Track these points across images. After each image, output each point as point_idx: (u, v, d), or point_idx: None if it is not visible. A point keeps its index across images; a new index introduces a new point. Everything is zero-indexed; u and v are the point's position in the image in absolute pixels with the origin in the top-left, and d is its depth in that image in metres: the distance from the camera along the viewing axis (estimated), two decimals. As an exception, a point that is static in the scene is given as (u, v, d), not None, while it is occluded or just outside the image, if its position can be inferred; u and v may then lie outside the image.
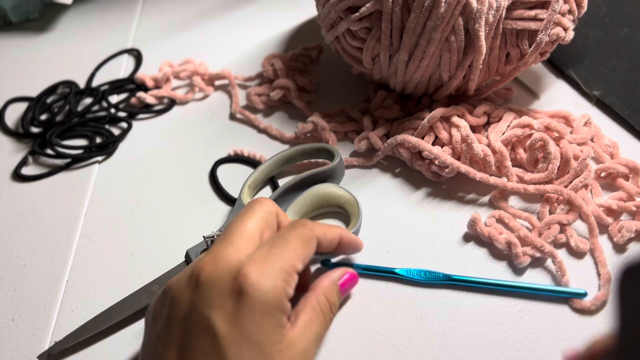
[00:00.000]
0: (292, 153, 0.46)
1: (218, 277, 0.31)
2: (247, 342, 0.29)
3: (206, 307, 0.30)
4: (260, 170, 0.45)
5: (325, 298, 0.35)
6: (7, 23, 0.65)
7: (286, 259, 0.32)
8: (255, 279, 0.30)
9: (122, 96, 0.56)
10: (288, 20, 0.63)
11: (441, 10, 0.41)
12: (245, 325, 0.29)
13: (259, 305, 0.30)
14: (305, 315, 0.33)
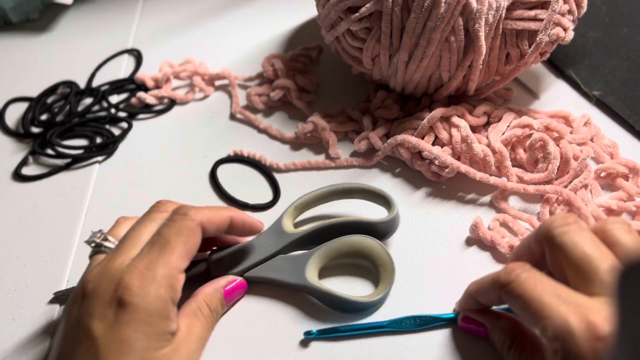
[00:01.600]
0: (350, 188, 0.43)
1: (101, 288, 0.31)
2: (129, 349, 0.30)
3: (88, 317, 0.30)
4: (311, 195, 0.43)
5: (205, 303, 0.36)
6: (7, 23, 0.65)
7: (168, 264, 0.32)
8: (137, 290, 0.30)
9: (122, 96, 0.56)
10: (288, 20, 0.63)
11: (441, 11, 0.41)
12: (127, 333, 0.30)
13: (141, 316, 0.30)
14: (185, 320, 0.34)
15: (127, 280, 0.31)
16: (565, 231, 0.31)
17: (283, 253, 0.40)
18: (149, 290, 0.31)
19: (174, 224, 0.33)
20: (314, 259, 0.39)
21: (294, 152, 0.50)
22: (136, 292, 0.30)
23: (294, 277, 0.38)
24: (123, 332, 0.30)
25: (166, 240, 0.33)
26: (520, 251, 0.34)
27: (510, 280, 0.30)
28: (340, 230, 0.40)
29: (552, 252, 0.31)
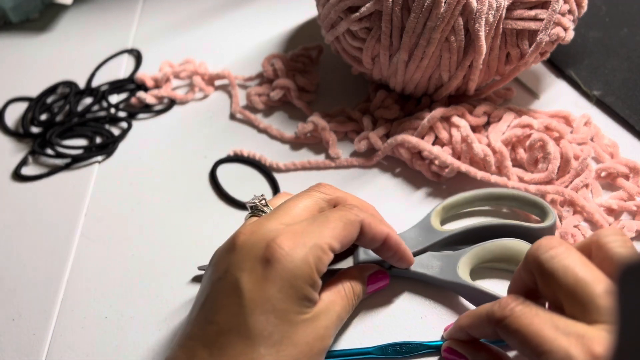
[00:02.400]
0: (503, 194, 0.42)
1: (253, 243, 0.32)
2: (271, 308, 0.30)
3: (237, 269, 0.31)
4: (461, 197, 0.42)
5: (350, 285, 0.36)
6: (7, 23, 0.65)
7: (322, 236, 0.32)
8: (287, 250, 0.31)
9: (122, 96, 0.56)
10: (288, 20, 0.63)
11: (441, 10, 0.41)
12: (272, 292, 0.30)
13: (287, 275, 0.31)
14: (329, 295, 0.34)
15: (280, 240, 0.31)
16: (552, 255, 0.29)
17: (431, 250, 0.40)
18: (298, 254, 0.31)
19: (339, 211, 0.34)
20: (466, 258, 0.38)
21: (294, 152, 0.50)
22: (286, 252, 0.31)
23: (445, 274, 0.38)
24: (269, 289, 0.30)
25: (327, 219, 0.33)
26: (514, 284, 0.33)
27: (505, 315, 0.29)
28: (493, 232, 0.39)
29: (543, 280, 0.30)
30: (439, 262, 0.39)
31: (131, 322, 0.39)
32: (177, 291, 0.41)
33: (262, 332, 0.30)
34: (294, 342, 0.31)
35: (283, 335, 0.30)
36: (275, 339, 0.30)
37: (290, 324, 0.31)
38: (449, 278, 0.37)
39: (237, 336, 0.30)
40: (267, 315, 0.30)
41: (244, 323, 0.30)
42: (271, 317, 0.30)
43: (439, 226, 0.41)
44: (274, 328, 0.30)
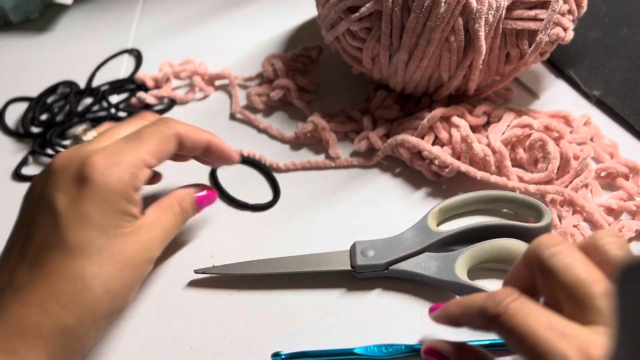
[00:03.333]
0: (499, 196, 0.42)
1: (68, 165, 0.33)
2: (88, 223, 0.31)
3: (52, 190, 0.32)
4: (458, 199, 0.42)
5: (177, 202, 0.38)
6: (7, 23, 0.65)
7: (137, 154, 0.34)
8: (100, 169, 0.32)
9: (122, 96, 0.56)
10: (288, 20, 0.63)
11: (441, 10, 0.41)
12: (87, 208, 0.32)
13: (101, 192, 0.32)
14: (155, 211, 0.36)
15: (93, 159, 0.32)
16: (554, 253, 0.29)
17: (429, 251, 0.40)
18: (112, 171, 0.32)
19: (153, 127, 0.36)
20: (463, 258, 0.38)
21: (294, 152, 0.50)
22: (100, 170, 0.32)
23: (443, 275, 0.38)
24: (84, 206, 0.31)
25: (141, 136, 0.35)
26: (510, 277, 0.32)
27: (499, 312, 0.28)
28: (490, 233, 0.39)
29: (543, 277, 0.29)
30: (437, 262, 0.39)
31: (131, 322, 0.39)
32: (176, 291, 0.41)
33: (79, 245, 0.31)
34: (114, 252, 0.32)
35: (102, 247, 0.32)
36: (93, 250, 0.31)
37: (108, 236, 0.32)
38: (446, 278, 0.38)
39: (55, 251, 0.31)
40: (84, 229, 0.31)
41: (61, 238, 0.31)
42: (88, 231, 0.31)
43: (435, 227, 0.41)
44: (91, 241, 0.31)
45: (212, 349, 0.38)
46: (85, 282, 0.31)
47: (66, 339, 0.30)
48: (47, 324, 0.30)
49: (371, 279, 0.40)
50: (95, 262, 0.31)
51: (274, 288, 0.40)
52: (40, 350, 0.30)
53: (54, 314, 0.30)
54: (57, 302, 0.30)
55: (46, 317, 0.30)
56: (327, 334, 0.38)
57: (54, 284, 0.31)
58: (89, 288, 0.31)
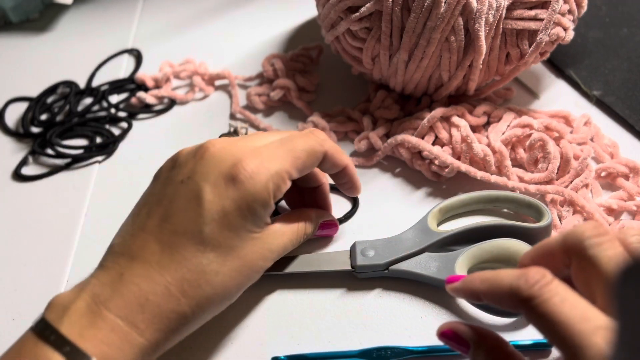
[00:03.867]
0: (499, 196, 0.42)
1: (222, 157, 0.33)
2: (227, 222, 0.32)
3: (202, 179, 0.33)
4: (457, 199, 0.42)
5: (304, 224, 0.38)
6: (7, 23, 0.65)
7: (285, 165, 0.34)
8: (250, 173, 0.33)
9: (122, 96, 0.56)
10: (288, 20, 0.63)
11: (441, 10, 0.41)
12: (230, 208, 0.32)
13: (246, 196, 0.33)
14: (282, 223, 0.37)
15: (247, 162, 0.33)
16: (597, 243, 0.28)
17: (429, 251, 0.40)
18: (260, 179, 0.33)
19: (307, 139, 0.36)
20: (463, 258, 0.38)
21: (294, 152, 0.49)
22: (250, 175, 0.33)
23: (443, 275, 0.38)
24: (228, 205, 0.32)
25: (294, 146, 0.35)
26: (539, 255, 0.31)
27: (533, 295, 0.27)
28: (490, 233, 0.39)
29: (580, 265, 0.28)
30: (437, 262, 0.39)
31: (131, 322, 0.39)
32: (177, 291, 0.41)
33: (213, 241, 0.32)
34: (239, 254, 0.33)
35: (231, 247, 0.33)
36: (224, 249, 0.32)
37: (240, 238, 0.33)
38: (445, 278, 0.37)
39: (191, 240, 0.32)
40: (222, 227, 0.32)
41: (200, 230, 0.32)
42: (225, 230, 0.32)
43: (435, 227, 0.41)
44: (224, 240, 0.32)
45: (212, 349, 0.38)
46: (208, 276, 0.32)
47: (180, 323, 0.31)
48: (167, 306, 0.31)
49: (371, 279, 0.40)
50: (222, 259, 0.32)
51: (274, 288, 0.40)
52: (156, 328, 0.31)
53: (174, 299, 0.31)
54: (180, 288, 0.31)
55: (166, 300, 0.31)
56: (327, 334, 0.38)
57: (181, 270, 0.32)
58: (210, 283, 0.32)
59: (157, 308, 0.31)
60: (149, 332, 0.30)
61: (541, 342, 0.36)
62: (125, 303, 0.30)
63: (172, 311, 0.31)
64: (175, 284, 0.31)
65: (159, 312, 0.31)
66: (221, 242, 0.32)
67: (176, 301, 0.31)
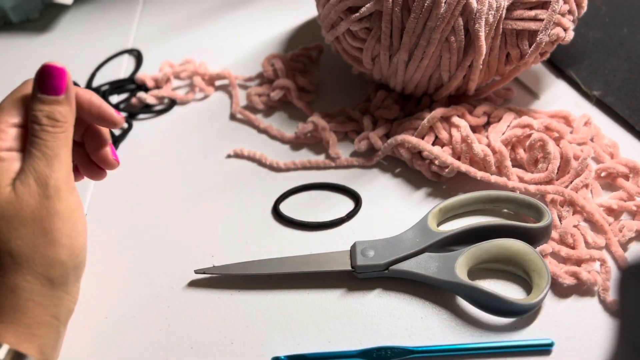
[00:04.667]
0: (499, 196, 0.42)
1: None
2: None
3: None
4: (457, 199, 0.42)
5: (33, 115, 0.33)
6: (7, 23, 0.65)
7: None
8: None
9: (122, 96, 0.56)
10: (288, 20, 0.63)
11: (441, 11, 0.41)
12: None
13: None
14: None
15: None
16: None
17: (429, 251, 0.40)
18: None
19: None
20: (463, 258, 0.38)
21: (294, 152, 0.50)
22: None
23: (443, 274, 0.38)
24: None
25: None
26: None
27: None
28: (490, 233, 0.39)
29: None
30: (437, 262, 0.39)
31: (131, 322, 0.39)
32: (176, 291, 0.41)
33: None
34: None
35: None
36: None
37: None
38: (447, 278, 0.38)
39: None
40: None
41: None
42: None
43: (435, 227, 0.41)
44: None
45: (212, 349, 0.38)
46: None
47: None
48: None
49: (371, 279, 0.40)
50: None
51: (274, 288, 0.40)
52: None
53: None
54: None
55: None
56: (326, 334, 0.38)
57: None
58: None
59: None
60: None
61: (541, 342, 0.36)
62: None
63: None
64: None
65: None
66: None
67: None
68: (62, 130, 0.34)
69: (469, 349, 0.36)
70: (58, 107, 0.34)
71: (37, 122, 0.33)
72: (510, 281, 0.39)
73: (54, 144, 0.33)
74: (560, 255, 0.40)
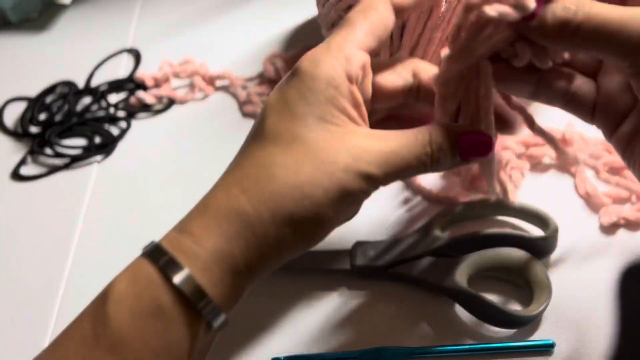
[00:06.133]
0: (505, 205, 0.41)
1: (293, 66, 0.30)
2: (288, 111, 0.28)
3: (273, 91, 0.30)
4: (463, 205, 0.42)
5: (426, 129, 0.30)
6: (6, 23, 0.65)
7: (345, 37, 0.29)
8: (308, 58, 0.29)
9: (121, 96, 0.56)
10: (288, 20, 0.62)
11: (442, 10, 0.41)
12: (290, 95, 0.28)
13: (307, 79, 0.28)
14: (388, 132, 0.29)
15: (306, 54, 0.29)
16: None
17: (430, 255, 0.39)
18: (319, 57, 0.29)
19: (359, 5, 0.31)
20: (465, 265, 0.38)
21: (294, 152, 0.49)
22: (307, 59, 0.29)
23: (443, 280, 0.37)
24: (287, 93, 0.28)
25: (348, 20, 0.30)
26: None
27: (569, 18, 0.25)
28: (494, 241, 0.39)
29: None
30: (437, 267, 0.38)
31: (131, 323, 0.39)
32: (176, 291, 0.41)
33: (273, 132, 0.28)
34: (310, 146, 0.27)
35: (295, 137, 0.28)
36: (286, 139, 0.28)
37: (307, 127, 0.28)
38: (446, 284, 0.37)
39: (254, 138, 0.29)
40: (283, 117, 0.28)
41: (261, 126, 0.29)
42: (287, 119, 0.28)
43: (439, 232, 0.41)
44: (286, 129, 0.28)
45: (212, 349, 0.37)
46: (270, 170, 0.27)
47: (242, 226, 0.27)
48: (225, 205, 0.27)
49: (372, 280, 0.40)
50: (285, 151, 0.27)
51: (274, 288, 0.40)
52: (214, 232, 0.27)
53: (233, 196, 0.27)
54: (239, 185, 0.28)
55: (225, 199, 0.28)
56: (326, 334, 0.38)
57: (243, 169, 0.28)
58: (273, 177, 0.27)
59: (215, 210, 0.28)
60: (206, 236, 0.27)
61: (541, 342, 0.36)
62: (188, 216, 0.29)
63: (230, 209, 0.27)
64: (236, 183, 0.28)
65: (216, 213, 0.27)
66: (282, 132, 0.28)
67: (235, 198, 0.27)
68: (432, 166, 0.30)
69: (469, 349, 0.36)
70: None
71: (430, 147, 0.30)
72: (511, 291, 0.39)
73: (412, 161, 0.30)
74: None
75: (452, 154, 0.30)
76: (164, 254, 0.27)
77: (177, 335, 0.26)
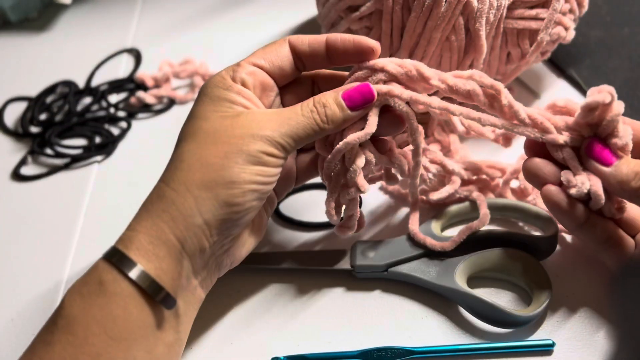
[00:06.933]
0: (506, 205, 0.41)
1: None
2: (192, 115, 0.35)
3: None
4: (463, 205, 0.42)
5: (313, 101, 0.35)
6: (6, 22, 0.65)
7: (240, 62, 0.36)
8: (208, 78, 0.36)
9: (121, 96, 0.56)
10: (288, 20, 0.62)
11: (442, 10, 0.41)
12: (194, 107, 0.35)
13: (203, 90, 0.35)
14: (280, 107, 0.37)
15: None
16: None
17: (430, 255, 0.39)
18: (213, 75, 0.36)
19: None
20: (464, 265, 0.38)
21: (294, 152, 0.49)
22: (208, 79, 0.36)
23: (442, 280, 0.37)
24: (194, 105, 0.35)
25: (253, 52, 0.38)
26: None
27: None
28: (495, 241, 0.39)
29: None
30: (437, 267, 0.38)
31: (130, 323, 0.39)
32: (176, 291, 0.41)
33: (184, 134, 0.34)
34: (209, 131, 0.33)
35: (199, 128, 0.34)
36: (192, 133, 0.34)
37: (206, 119, 0.34)
38: (445, 284, 0.37)
39: (175, 145, 0.35)
40: (190, 120, 0.35)
41: (179, 134, 0.35)
42: (193, 120, 0.34)
43: (439, 232, 0.40)
44: (193, 128, 0.34)
45: (212, 349, 0.38)
46: (181, 156, 0.33)
47: (164, 203, 0.32)
48: (153, 198, 0.33)
49: (371, 280, 0.40)
50: (191, 142, 0.33)
51: (274, 288, 0.40)
52: (143, 217, 0.33)
53: (157, 188, 0.33)
54: (162, 180, 0.34)
55: (154, 194, 0.33)
56: (327, 334, 0.38)
57: (166, 167, 0.34)
58: (182, 160, 0.33)
59: (145, 206, 0.34)
60: (138, 224, 0.33)
61: (541, 342, 0.36)
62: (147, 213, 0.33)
63: (155, 198, 0.33)
64: (160, 180, 0.34)
65: (145, 207, 0.33)
66: (190, 131, 0.34)
67: (158, 190, 0.33)
68: (324, 121, 0.35)
69: (469, 349, 0.36)
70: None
71: (315, 106, 0.35)
72: (510, 291, 0.39)
73: (307, 123, 0.35)
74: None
75: (341, 108, 0.35)
76: (111, 247, 0.32)
77: (119, 307, 0.30)
